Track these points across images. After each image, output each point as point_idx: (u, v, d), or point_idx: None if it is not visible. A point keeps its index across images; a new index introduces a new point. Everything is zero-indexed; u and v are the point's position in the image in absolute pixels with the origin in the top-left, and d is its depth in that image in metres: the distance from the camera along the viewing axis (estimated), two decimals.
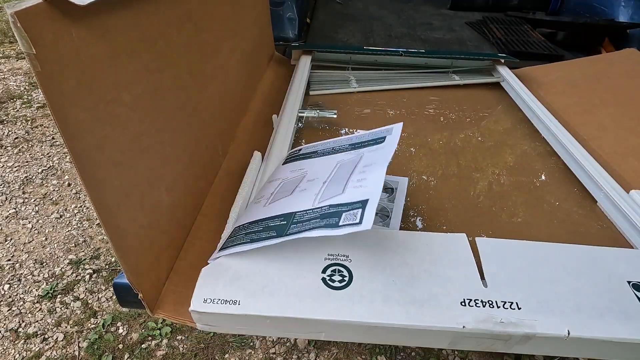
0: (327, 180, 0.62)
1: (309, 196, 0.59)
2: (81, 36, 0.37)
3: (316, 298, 0.51)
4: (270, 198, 0.63)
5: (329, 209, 0.55)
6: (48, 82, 0.33)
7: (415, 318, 0.50)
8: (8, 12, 0.28)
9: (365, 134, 0.74)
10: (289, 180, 0.66)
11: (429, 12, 2.18)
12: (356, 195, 0.55)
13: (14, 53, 3.54)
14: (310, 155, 0.73)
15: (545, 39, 1.77)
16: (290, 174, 0.68)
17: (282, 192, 0.63)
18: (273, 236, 0.53)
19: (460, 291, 0.52)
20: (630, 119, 0.97)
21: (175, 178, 0.61)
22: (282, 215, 0.57)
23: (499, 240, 0.60)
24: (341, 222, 0.51)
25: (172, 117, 0.60)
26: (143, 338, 1.45)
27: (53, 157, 2.31)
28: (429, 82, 1.21)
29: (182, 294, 0.56)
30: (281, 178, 0.68)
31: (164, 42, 0.56)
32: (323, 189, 0.60)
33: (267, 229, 0.55)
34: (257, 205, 0.62)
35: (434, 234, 0.60)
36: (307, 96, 1.12)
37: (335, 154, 0.71)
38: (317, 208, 0.56)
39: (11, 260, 1.71)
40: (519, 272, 0.55)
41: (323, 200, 0.57)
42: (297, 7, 1.64)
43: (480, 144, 0.96)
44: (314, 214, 0.55)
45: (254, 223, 0.58)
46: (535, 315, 0.50)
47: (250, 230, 0.56)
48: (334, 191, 0.58)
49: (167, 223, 0.58)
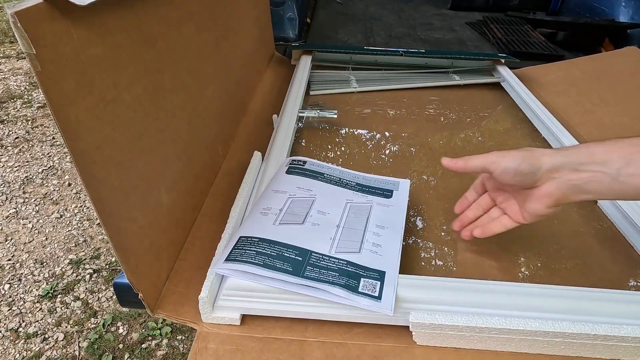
0: (341, 224, 0.61)
1: (324, 238, 0.58)
2: (81, 36, 0.37)
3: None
4: (279, 216, 0.61)
5: (347, 266, 0.53)
6: (48, 82, 0.34)
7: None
8: (8, 12, 0.28)
9: (372, 178, 0.74)
10: (298, 199, 0.65)
11: (429, 12, 2.18)
12: (374, 263, 0.55)
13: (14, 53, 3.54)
14: (316, 175, 0.72)
15: (546, 39, 1.77)
16: (298, 192, 0.67)
17: (293, 214, 0.61)
18: (289, 271, 0.51)
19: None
20: (632, 118, 0.97)
21: (175, 178, 0.61)
22: (297, 248, 0.55)
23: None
24: (360, 288, 0.51)
25: (172, 117, 0.60)
26: (143, 338, 1.45)
27: (53, 157, 2.31)
28: (429, 82, 1.22)
29: (183, 294, 0.56)
30: (288, 192, 0.66)
31: (164, 42, 0.56)
32: (338, 236, 0.59)
33: (281, 258, 0.53)
34: (265, 219, 0.60)
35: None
36: (307, 96, 1.12)
37: (343, 188, 0.70)
38: (335, 259, 0.54)
39: (11, 260, 1.71)
40: None
41: (340, 252, 0.56)
42: (298, 7, 1.64)
43: (480, 144, 0.96)
44: (332, 264, 0.53)
45: (265, 242, 0.55)
46: None
47: (262, 251, 0.54)
48: (350, 246, 0.57)
49: (167, 223, 0.59)
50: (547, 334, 0.50)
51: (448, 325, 0.50)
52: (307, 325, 0.53)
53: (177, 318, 0.53)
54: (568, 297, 0.54)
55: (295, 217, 0.61)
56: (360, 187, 0.71)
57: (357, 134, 0.99)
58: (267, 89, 1.15)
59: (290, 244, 0.55)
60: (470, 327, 0.50)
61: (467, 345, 0.52)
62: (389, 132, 1.00)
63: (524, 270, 0.63)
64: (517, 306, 0.52)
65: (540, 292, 0.54)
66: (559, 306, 0.52)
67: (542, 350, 0.52)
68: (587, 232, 0.71)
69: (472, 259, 0.65)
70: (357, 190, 0.70)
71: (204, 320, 0.52)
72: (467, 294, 0.53)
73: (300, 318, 0.53)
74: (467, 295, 0.53)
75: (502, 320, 0.50)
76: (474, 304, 0.52)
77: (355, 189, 0.70)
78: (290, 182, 0.69)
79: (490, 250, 0.66)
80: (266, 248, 0.54)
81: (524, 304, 0.53)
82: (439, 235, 0.69)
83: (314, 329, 0.53)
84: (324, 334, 0.52)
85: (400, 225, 0.63)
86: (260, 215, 0.61)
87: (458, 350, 0.52)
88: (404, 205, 0.68)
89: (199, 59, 0.70)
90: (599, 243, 0.69)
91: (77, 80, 0.38)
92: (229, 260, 0.53)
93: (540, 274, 0.63)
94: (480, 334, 0.51)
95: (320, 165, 0.75)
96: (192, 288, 0.55)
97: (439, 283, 0.55)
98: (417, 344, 0.52)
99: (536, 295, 0.53)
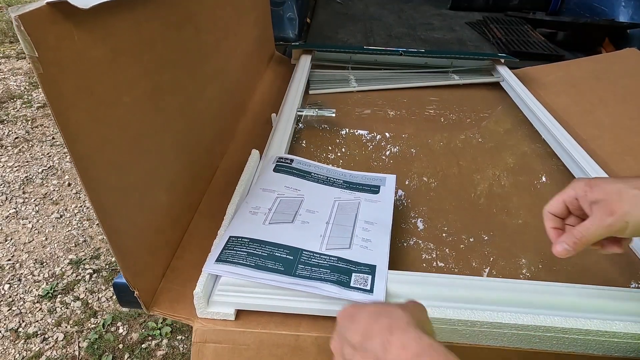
0: (330, 221, 0.62)
1: (314, 236, 0.58)
2: (82, 39, 0.37)
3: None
4: (269, 216, 0.61)
5: (337, 262, 0.54)
6: (50, 84, 0.34)
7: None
8: (12, 16, 0.28)
9: (359, 175, 0.75)
10: (286, 199, 0.65)
11: (429, 12, 2.18)
12: (364, 257, 0.55)
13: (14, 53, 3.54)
14: (304, 175, 0.72)
15: (546, 39, 1.77)
16: (286, 191, 0.67)
17: (282, 213, 0.62)
18: (281, 271, 0.52)
19: None
20: (631, 118, 0.97)
21: (174, 179, 0.61)
22: (288, 247, 0.55)
23: None
24: (352, 283, 0.51)
25: (171, 119, 0.60)
26: (143, 338, 1.45)
27: (53, 157, 2.31)
28: (429, 82, 1.22)
29: (179, 292, 0.56)
30: (276, 192, 0.67)
31: (163, 43, 0.56)
32: (328, 233, 0.59)
33: (272, 258, 0.53)
34: (255, 219, 0.60)
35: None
36: (307, 95, 1.12)
37: (331, 187, 0.71)
38: (326, 255, 0.55)
39: (11, 260, 1.71)
40: None
41: (330, 249, 0.56)
42: (297, 7, 1.64)
43: (480, 145, 0.96)
44: (323, 261, 0.54)
45: (256, 242, 0.56)
46: None
47: (253, 252, 0.54)
48: (340, 242, 0.58)
49: (165, 223, 0.59)
50: (538, 329, 0.50)
51: (440, 319, 0.51)
52: (301, 320, 0.54)
53: (173, 315, 0.54)
54: (560, 293, 0.54)
55: (285, 217, 0.62)
56: (348, 184, 0.72)
57: (357, 134, 0.99)
58: (266, 88, 1.15)
59: (281, 243, 0.56)
60: (462, 320, 0.50)
61: (460, 340, 0.52)
62: (389, 132, 1.00)
63: (524, 271, 0.63)
64: (509, 302, 0.53)
65: (532, 289, 0.55)
66: (550, 302, 0.53)
67: (534, 346, 0.52)
68: None
69: (472, 259, 0.65)
70: (345, 188, 0.71)
71: (199, 316, 0.53)
72: (459, 289, 0.54)
73: (294, 313, 0.53)
74: (459, 291, 0.54)
75: (494, 314, 0.51)
76: (467, 300, 0.53)
77: (343, 187, 0.71)
78: (279, 181, 0.70)
79: (491, 251, 0.66)
80: (257, 249, 0.55)
81: (516, 299, 0.53)
82: (439, 237, 0.69)
83: (308, 323, 0.53)
84: (317, 329, 0.53)
85: (389, 220, 0.63)
86: (249, 214, 0.62)
87: (451, 345, 0.52)
88: (391, 200, 0.68)
89: (198, 60, 0.71)
90: (598, 243, 0.69)
91: (77, 82, 0.38)
92: (220, 261, 0.53)
93: (540, 275, 0.63)
94: (472, 328, 0.51)
95: (307, 163, 0.76)
96: (188, 286, 0.55)
97: (433, 279, 0.55)
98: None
99: (529, 292, 0.54)
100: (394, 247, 0.66)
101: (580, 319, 0.51)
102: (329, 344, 0.41)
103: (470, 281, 0.56)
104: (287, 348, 0.51)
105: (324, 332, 0.52)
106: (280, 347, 0.51)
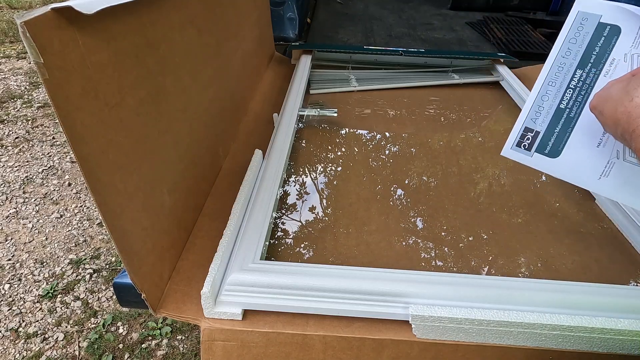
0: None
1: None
2: (87, 43, 0.38)
3: None
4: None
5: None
6: (55, 88, 0.34)
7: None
8: (18, 22, 0.28)
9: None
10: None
11: (430, 12, 2.18)
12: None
13: (14, 53, 3.54)
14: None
15: (546, 39, 1.77)
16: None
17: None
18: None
19: None
20: None
21: (177, 180, 0.62)
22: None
23: None
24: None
25: (174, 120, 0.60)
26: (143, 338, 1.45)
27: (53, 157, 2.31)
28: (429, 81, 1.22)
29: (185, 292, 0.57)
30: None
31: (166, 46, 0.56)
32: None
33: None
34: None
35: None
36: (307, 95, 1.12)
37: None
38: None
39: (12, 260, 1.71)
40: None
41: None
42: (298, 7, 1.64)
43: (480, 144, 0.97)
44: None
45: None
46: None
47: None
48: None
49: (169, 224, 0.59)
50: (544, 327, 0.51)
51: (447, 318, 0.51)
52: (308, 319, 0.54)
53: (180, 316, 0.54)
54: (565, 291, 0.54)
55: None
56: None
57: (358, 134, 0.99)
58: (267, 88, 1.16)
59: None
60: (469, 319, 0.51)
61: (466, 338, 0.53)
62: (389, 132, 1.00)
63: (523, 270, 0.64)
64: (515, 300, 0.53)
65: (538, 287, 0.55)
66: (556, 300, 0.53)
67: (540, 344, 0.52)
68: (587, 232, 0.72)
69: (472, 259, 0.66)
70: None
71: (206, 316, 0.53)
72: (465, 288, 0.54)
73: (301, 313, 0.54)
74: (465, 290, 0.54)
75: (501, 313, 0.51)
76: (473, 298, 0.53)
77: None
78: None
79: (491, 250, 0.67)
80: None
81: (522, 298, 0.53)
82: (439, 235, 0.70)
83: (315, 323, 0.54)
84: (325, 328, 0.53)
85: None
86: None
87: (457, 344, 0.53)
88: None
89: (200, 62, 0.71)
90: (599, 243, 0.70)
91: (82, 86, 0.38)
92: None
93: (540, 274, 0.63)
94: (479, 327, 0.51)
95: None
96: (194, 286, 0.56)
97: (439, 278, 0.56)
98: (416, 337, 0.53)
99: (534, 290, 0.54)
100: (393, 246, 0.66)
101: (585, 317, 0.51)
102: (336, 342, 0.41)
103: (474, 280, 0.56)
104: (295, 346, 0.52)
105: (331, 331, 0.53)
106: (288, 345, 0.52)
